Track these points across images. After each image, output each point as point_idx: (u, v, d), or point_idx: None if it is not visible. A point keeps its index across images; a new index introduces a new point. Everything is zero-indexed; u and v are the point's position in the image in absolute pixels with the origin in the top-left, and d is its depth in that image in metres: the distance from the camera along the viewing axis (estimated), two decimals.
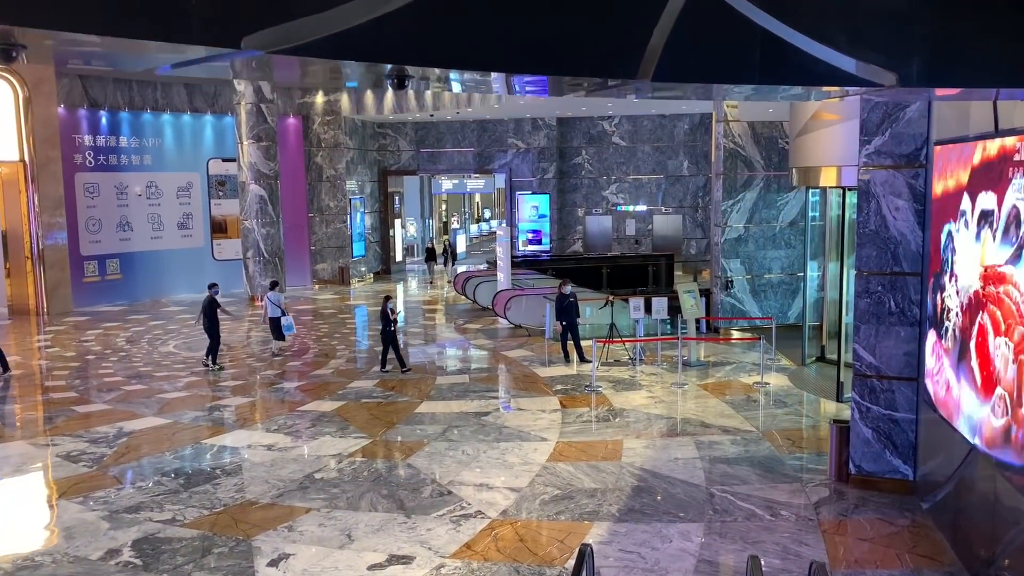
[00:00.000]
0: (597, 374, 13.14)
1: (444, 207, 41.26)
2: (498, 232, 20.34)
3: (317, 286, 25.27)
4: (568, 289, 14.44)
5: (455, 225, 36.78)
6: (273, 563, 6.96)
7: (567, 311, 14.30)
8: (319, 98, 25.06)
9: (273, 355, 15.30)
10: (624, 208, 27.70)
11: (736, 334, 16.76)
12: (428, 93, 24.06)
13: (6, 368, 14.12)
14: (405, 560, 7.00)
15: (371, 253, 27.78)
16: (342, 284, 25.39)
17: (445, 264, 28.11)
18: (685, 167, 27.20)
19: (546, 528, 7.63)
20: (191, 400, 12.38)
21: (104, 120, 21.66)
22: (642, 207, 27.63)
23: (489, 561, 6.96)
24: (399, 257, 29.72)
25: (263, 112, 21.54)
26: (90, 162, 21.39)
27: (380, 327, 13.98)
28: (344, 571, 6.82)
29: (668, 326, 14.82)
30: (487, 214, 43.20)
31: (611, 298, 14.88)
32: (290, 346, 16.00)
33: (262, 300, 21.35)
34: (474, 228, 39.71)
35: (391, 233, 28.89)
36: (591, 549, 5.17)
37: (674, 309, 14.64)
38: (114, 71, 21.50)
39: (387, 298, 13.96)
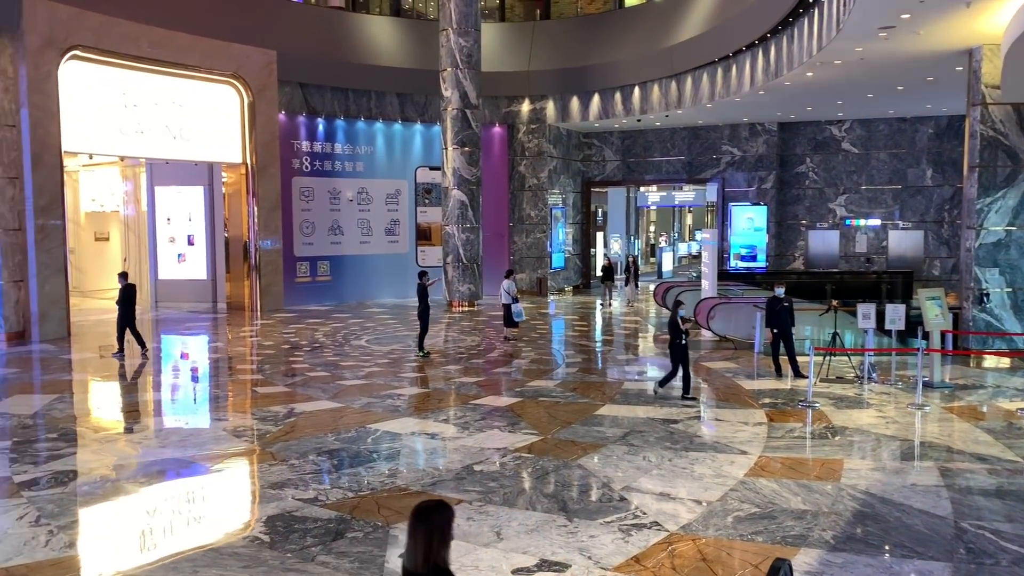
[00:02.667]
0: (815, 390, 11.22)
1: (652, 226, 39.71)
2: (704, 235, 18.64)
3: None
4: (781, 291, 12.60)
5: (662, 243, 35.04)
6: None
7: (779, 318, 12.44)
8: (525, 106, 24.70)
9: (505, 339, 16.09)
10: (854, 223, 24.87)
11: (989, 357, 13.98)
12: (636, 95, 22.94)
13: (144, 347, 14.46)
14: (558, 567, 5.76)
15: (570, 266, 26.92)
16: (539, 295, 24.69)
17: (626, 284, 25.31)
18: (928, 176, 23.98)
19: (738, 549, 6.10)
20: (367, 388, 11.91)
21: (321, 127, 22.51)
22: (875, 221, 24.66)
23: None
24: (599, 272, 28.60)
25: (468, 118, 21.39)
26: (306, 167, 22.26)
27: (670, 338, 11.40)
28: (486, 572, 5.71)
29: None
30: (699, 235, 41.01)
31: (835, 303, 12.81)
32: (520, 334, 16.64)
33: (459, 306, 21.20)
34: (683, 247, 37.67)
35: (592, 248, 27.88)
36: (789, 565, 3.68)
37: (912, 326, 12.37)
38: (332, 80, 22.36)
39: (678, 304, 11.49)
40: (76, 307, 19.59)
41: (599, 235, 29.00)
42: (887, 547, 6.10)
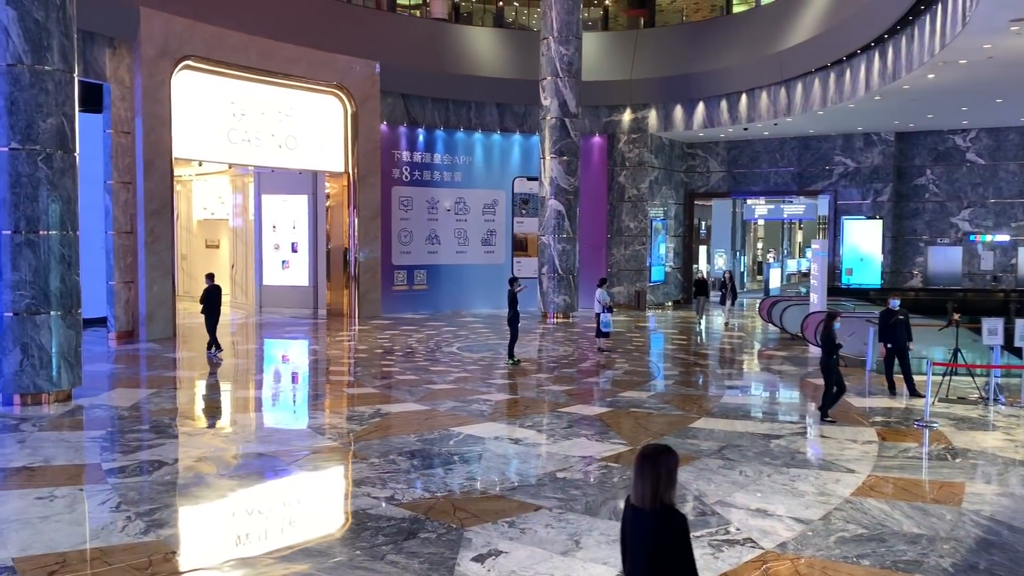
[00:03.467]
0: (933, 410, 10.32)
1: (760, 243, 38.33)
2: (813, 246, 17.69)
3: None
4: (895, 304, 11.70)
5: (770, 260, 33.72)
6: (480, 558, 5.67)
7: (894, 331, 11.53)
8: (626, 115, 24.25)
9: (598, 350, 15.59)
10: (979, 238, 23.23)
11: None
12: (743, 103, 22.15)
13: (218, 348, 14.67)
14: None
15: (671, 280, 26.18)
16: (637, 309, 24.07)
17: (722, 302, 22.31)
18: None
19: (843, 571, 5.50)
20: (455, 392, 11.70)
21: (421, 137, 22.70)
22: (1003, 237, 22.96)
23: None
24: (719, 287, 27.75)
25: (567, 127, 21.12)
26: (406, 177, 22.47)
27: (822, 356, 10.29)
28: None
29: None
30: (810, 250, 39.30)
31: (956, 317, 11.81)
32: (614, 345, 16.20)
33: (553, 317, 20.86)
34: (792, 264, 36.12)
35: (694, 262, 27.04)
36: None
37: None
38: (433, 91, 22.54)
39: (832, 317, 10.36)
40: (186, 310, 20.31)
41: (702, 249, 28.13)
42: None
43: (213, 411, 11.19)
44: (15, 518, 6.42)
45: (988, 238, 23.13)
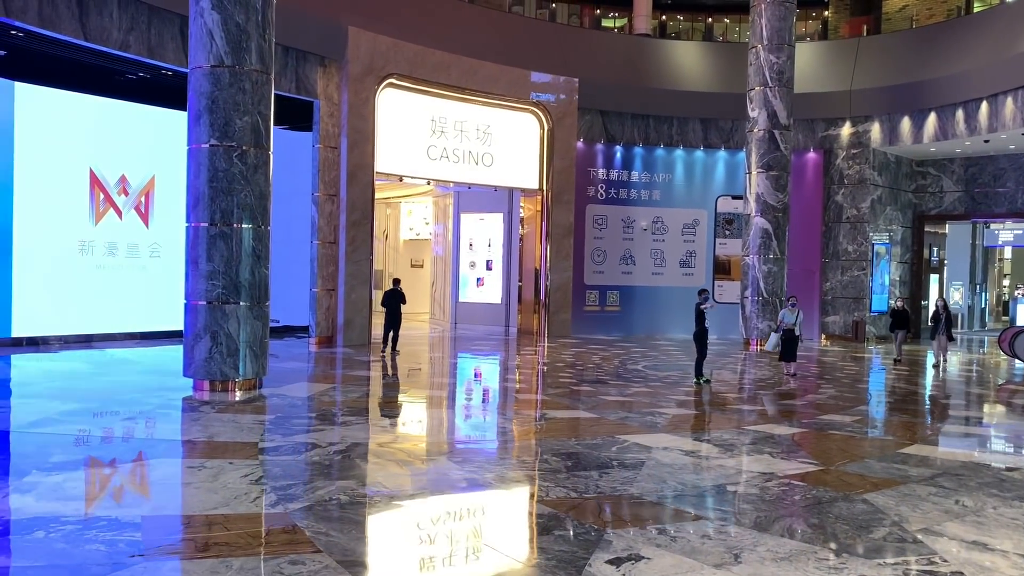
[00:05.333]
0: None
1: (1007, 278, 33.78)
2: None
3: (827, 341, 22.11)
4: None
5: (1018, 295, 29.52)
6: (615, 561, 4.88)
7: None
8: (845, 129, 22.31)
9: (792, 375, 14.09)
10: None
11: None
12: (983, 111, 19.61)
13: (394, 348, 16.00)
14: None
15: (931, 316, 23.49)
16: (855, 341, 21.82)
17: (934, 336, 17.17)
18: None
19: None
20: (630, 404, 10.87)
21: (618, 154, 22.14)
22: None
23: None
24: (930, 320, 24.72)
25: (776, 139, 19.67)
26: (601, 195, 21.96)
27: None
28: None
29: None
30: None
31: None
32: (793, 371, 14.23)
33: (760, 345, 19.30)
34: None
35: (924, 293, 24.19)
36: None
37: None
38: (633, 107, 21.97)
39: None
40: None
41: (932, 278, 25.12)
42: None
43: (377, 403, 11.11)
44: (160, 482, 6.46)
45: None
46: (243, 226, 10.72)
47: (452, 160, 19.36)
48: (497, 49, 20.13)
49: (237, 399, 10.32)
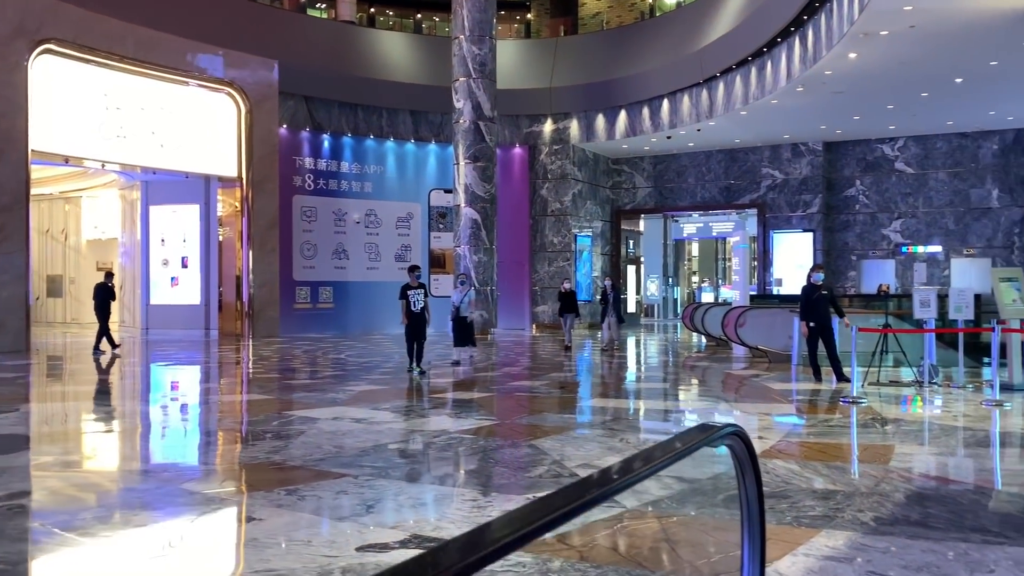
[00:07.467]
0: (863, 390, 8.95)
1: (695, 276, 37.13)
2: (733, 239, 16.48)
3: (536, 330, 22.68)
4: (819, 277, 10.41)
5: (705, 285, 32.52)
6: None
7: (816, 308, 10.20)
8: (547, 126, 23.12)
9: (454, 363, 12.48)
10: (911, 250, 22.41)
11: None
12: (664, 108, 21.17)
13: (113, 344, 15.00)
14: (432, 542, 3.70)
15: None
16: (560, 328, 22.56)
17: (604, 319, 16.31)
18: (995, 197, 21.52)
19: (718, 527, 3.95)
20: (314, 385, 9.98)
21: (326, 143, 21.17)
22: (936, 248, 22.17)
23: (585, 560, 3.47)
24: (631, 308, 26.44)
25: (481, 131, 19.80)
26: (309, 185, 20.85)
27: None
28: (320, 548, 3.65)
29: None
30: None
31: (885, 287, 10.56)
32: (457, 359, 12.73)
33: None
34: (727, 292, 34.96)
35: (621, 279, 25.73)
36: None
37: (984, 348, 10.02)
38: (341, 95, 21.14)
39: None
40: (72, 335, 18.23)
41: (630, 269, 26.86)
42: (959, 531, 3.89)
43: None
44: None
45: (920, 249, 22.33)
46: None
47: (132, 141, 17.28)
48: (184, 22, 18.35)
49: None
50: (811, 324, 10.18)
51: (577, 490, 1.20)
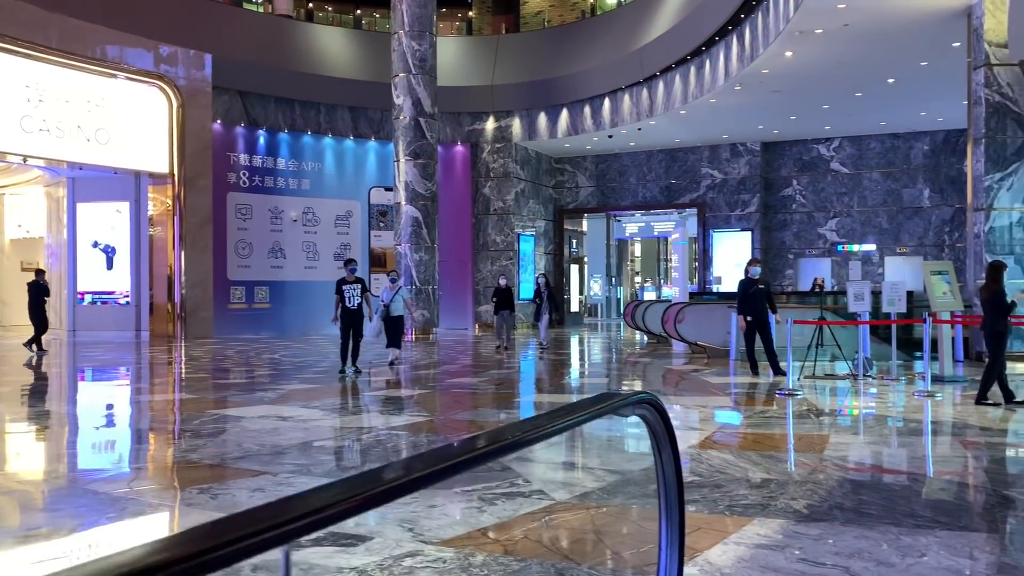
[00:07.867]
0: (799, 383, 8.98)
1: (637, 276, 37.37)
2: (673, 236, 16.55)
3: (479, 329, 22.48)
4: (756, 271, 10.45)
5: (648, 283, 32.76)
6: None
7: (753, 302, 10.23)
8: (489, 124, 22.95)
9: (390, 362, 11.82)
10: (846, 248, 22.83)
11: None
12: (606, 107, 21.19)
13: (39, 347, 14.93)
14: (353, 543, 3.50)
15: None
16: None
17: (537, 318, 15.90)
18: (926, 196, 22.04)
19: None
20: (241, 384, 9.64)
21: (262, 139, 20.65)
22: (870, 247, 22.62)
23: (509, 554, 3.30)
24: (575, 307, 26.42)
25: (422, 127, 19.52)
26: (244, 182, 20.31)
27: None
28: None
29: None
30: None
31: (820, 280, 10.65)
32: (391, 359, 11.94)
33: (411, 334, 18.83)
34: (668, 291, 35.28)
35: (564, 279, 25.71)
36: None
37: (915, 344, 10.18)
38: (277, 90, 20.66)
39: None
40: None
41: (573, 268, 26.85)
42: (892, 517, 3.82)
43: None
44: None
45: (855, 248, 22.77)
46: None
47: (56, 135, 16.59)
48: (112, 13, 17.69)
49: None
50: (748, 318, 10.21)
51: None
